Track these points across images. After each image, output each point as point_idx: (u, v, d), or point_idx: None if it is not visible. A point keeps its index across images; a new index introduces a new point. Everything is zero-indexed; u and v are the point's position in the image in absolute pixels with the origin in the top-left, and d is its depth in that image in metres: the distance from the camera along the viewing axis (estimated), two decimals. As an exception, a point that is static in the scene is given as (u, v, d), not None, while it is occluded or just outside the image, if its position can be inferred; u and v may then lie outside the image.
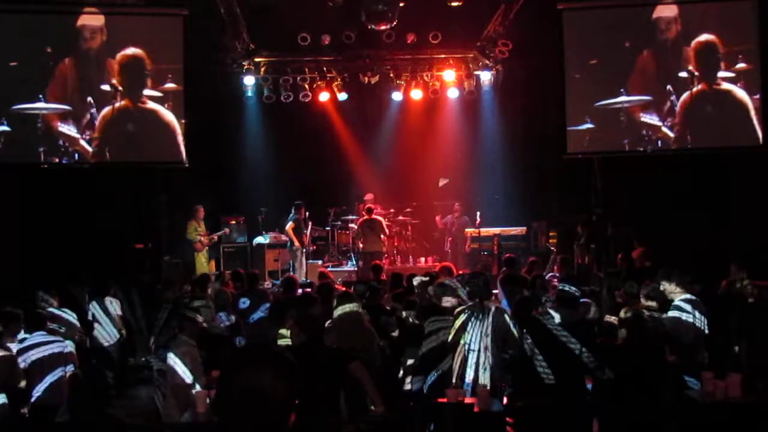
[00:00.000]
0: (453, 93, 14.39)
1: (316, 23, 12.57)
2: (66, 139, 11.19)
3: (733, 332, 6.42)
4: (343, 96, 14.23)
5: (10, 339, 6.12)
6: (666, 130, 11.47)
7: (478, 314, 5.69)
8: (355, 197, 14.49)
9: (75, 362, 6.49)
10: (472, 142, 14.73)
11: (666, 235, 10.61)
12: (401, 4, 11.43)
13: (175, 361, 5.34)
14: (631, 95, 11.52)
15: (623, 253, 10.17)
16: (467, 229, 13.84)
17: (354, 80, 14.08)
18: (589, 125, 11.59)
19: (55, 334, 6.49)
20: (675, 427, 5.23)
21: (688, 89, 11.32)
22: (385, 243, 13.14)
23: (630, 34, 11.56)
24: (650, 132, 11.48)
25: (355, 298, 6.10)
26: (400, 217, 14.18)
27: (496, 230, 13.64)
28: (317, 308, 5.55)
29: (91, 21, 11.33)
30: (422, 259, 14.05)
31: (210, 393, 5.02)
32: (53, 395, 6.11)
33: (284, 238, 13.32)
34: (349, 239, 13.89)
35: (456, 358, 5.68)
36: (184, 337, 5.56)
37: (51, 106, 11.19)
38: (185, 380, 5.29)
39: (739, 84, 11.26)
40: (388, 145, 14.91)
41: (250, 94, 13.97)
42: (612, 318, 6.32)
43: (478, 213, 13.52)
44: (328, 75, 14.01)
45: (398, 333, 6.82)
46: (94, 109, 11.28)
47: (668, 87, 11.43)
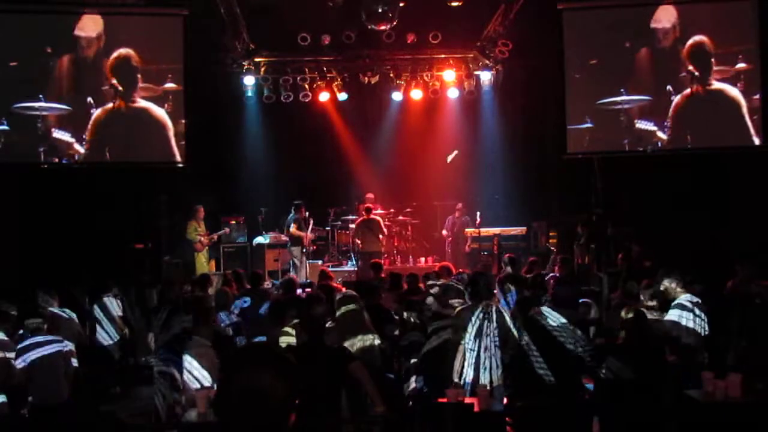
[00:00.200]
0: (453, 93, 14.39)
1: (316, 23, 12.57)
2: (61, 144, 11.20)
3: (735, 332, 6.41)
4: (343, 96, 14.23)
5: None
6: (661, 135, 11.49)
7: (479, 314, 5.69)
8: (355, 197, 14.48)
9: (75, 362, 6.50)
10: (472, 142, 14.73)
11: (666, 235, 10.61)
12: (401, 4, 11.43)
13: (191, 363, 5.15)
14: (631, 95, 11.54)
15: (623, 253, 10.17)
16: (467, 229, 13.85)
17: (354, 80, 14.08)
18: (589, 125, 11.60)
19: (54, 334, 6.49)
20: (675, 427, 5.23)
21: (687, 89, 11.35)
22: (384, 243, 13.13)
23: (630, 34, 11.56)
24: (648, 136, 11.52)
25: (357, 299, 6.09)
26: (400, 217, 14.18)
27: (496, 230, 13.63)
28: (321, 307, 5.55)
29: (91, 21, 11.33)
30: (422, 259, 14.06)
31: (210, 393, 5.01)
32: (53, 395, 6.11)
33: (284, 237, 13.32)
34: (349, 239, 13.90)
35: (456, 358, 5.68)
36: (197, 337, 5.45)
37: (51, 105, 11.19)
38: (204, 382, 5.05)
39: (739, 84, 11.27)
40: (388, 145, 14.91)
41: (250, 94, 13.97)
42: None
43: (478, 213, 13.52)
44: (328, 75, 14.01)
45: (399, 333, 6.82)
46: (94, 110, 11.29)
47: (668, 87, 11.45)
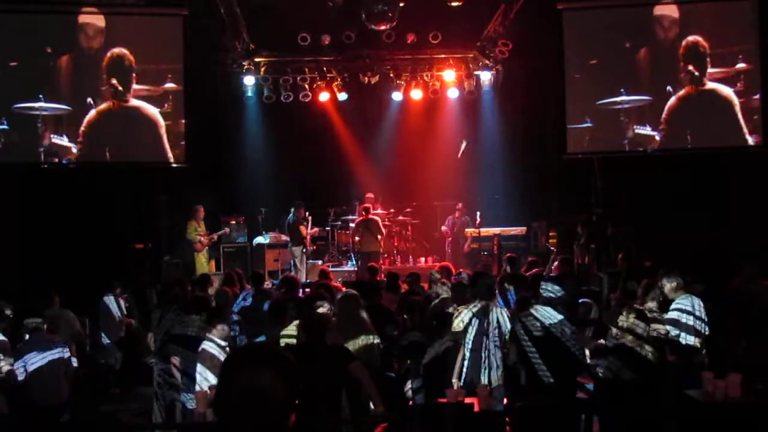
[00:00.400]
0: (453, 93, 14.37)
1: (316, 23, 12.56)
2: (59, 149, 11.20)
3: (738, 332, 6.41)
4: (343, 96, 14.22)
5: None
6: (659, 139, 11.49)
7: (479, 314, 5.70)
8: (355, 197, 14.47)
9: (75, 363, 6.50)
10: (472, 142, 14.72)
11: (666, 235, 10.61)
12: (401, 4, 11.43)
13: (203, 373, 5.18)
14: (631, 95, 11.53)
15: (623, 253, 10.17)
16: (467, 229, 13.84)
17: (354, 80, 14.07)
18: (589, 125, 11.60)
19: (55, 333, 6.50)
20: (675, 427, 5.23)
21: (682, 90, 11.36)
22: (382, 243, 13.13)
23: (630, 34, 11.57)
24: (646, 141, 11.54)
25: (357, 299, 6.08)
26: (400, 217, 14.17)
27: (496, 230, 13.62)
28: (323, 308, 5.54)
29: (91, 21, 11.34)
30: (422, 259, 14.05)
31: (210, 393, 5.00)
32: (53, 395, 6.11)
33: (284, 237, 13.32)
34: (349, 239, 13.90)
35: (457, 358, 5.69)
36: (212, 337, 5.49)
37: (51, 106, 11.20)
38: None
39: (739, 84, 11.27)
40: (388, 145, 14.90)
41: (250, 94, 13.96)
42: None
43: (478, 213, 13.51)
44: (328, 75, 14.00)
45: (398, 333, 6.82)
46: (93, 110, 11.30)
47: (668, 87, 11.45)
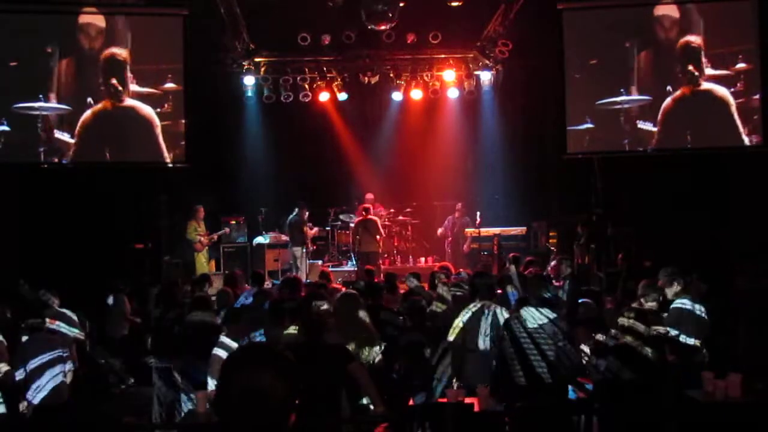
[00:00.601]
0: (453, 93, 14.38)
1: (316, 23, 12.56)
2: (63, 145, 11.22)
3: (738, 332, 6.41)
4: (343, 96, 14.22)
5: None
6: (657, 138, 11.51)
7: (479, 314, 5.70)
8: (355, 197, 14.48)
9: (74, 362, 6.49)
10: (472, 142, 14.73)
11: (666, 235, 10.61)
12: (401, 4, 11.43)
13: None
14: (631, 95, 11.53)
15: (623, 253, 10.17)
16: (467, 229, 13.84)
17: (354, 80, 14.07)
18: (589, 125, 11.60)
19: (55, 333, 6.49)
20: (675, 427, 5.23)
21: (677, 91, 11.36)
22: (381, 243, 13.13)
23: (630, 34, 11.57)
24: (648, 137, 11.53)
25: (357, 298, 6.09)
26: (400, 217, 14.18)
27: (496, 230, 13.62)
28: (322, 307, 5.53)
29: (91, 21, 11.34)
30: (422, 259, 14.06)
31: (210, 393, 5.00)
32: (53, 395, 6.10)
33: (284, 237, 13.31)
34: (349, 239, 13.90)
35: (456, 358, 5.68)
36: (225, 338, 5.47)
37: (51, 105, 11.20)
38: None
39: (739, 84, 11.27)
40: (388, 145, 14.90)
41: (250, 94, 13.96)
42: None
43: (478, 213, 13.51)
44: (328, 75, 14.00)
45: (398, 333, 6.81)
46: (89, 110, 11.30)
47: (668, 87, 11.45)
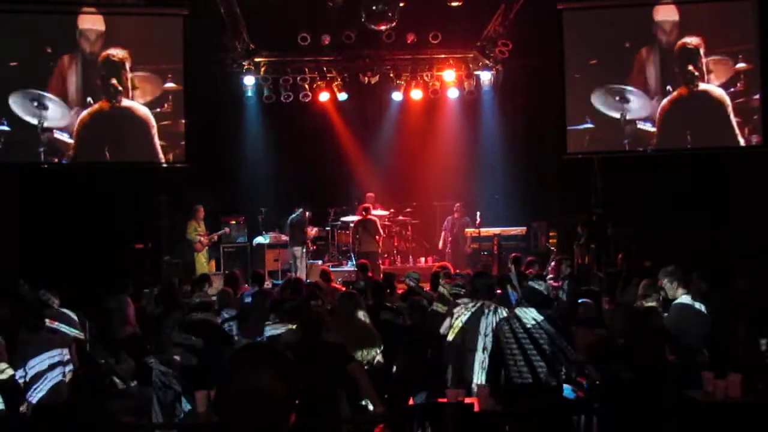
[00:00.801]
0: (453, 93, 14.38)
1: (316, 23, 12.57)
2: (62, 145, 11.22)
3: (738, 332, 6.39)
4: (343, 96, 14.22)
5: None
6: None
7: (478, 314, 5.69)
8: (355, 197, 14.48)
9: (75, 362, 6.49)
10: (472, 142, 14.73)
11: (666, 235, 10.61)
12: (401, 4, 11.43)
13: None
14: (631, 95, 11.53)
15: (623, 253, 10.17)
16: (467, 230, 13.84)
17: (354, 80, 14.07)
18: (589, 125, 11.60)
19: (55, 333, 6.49)
20: (675, 427, 5.22)
21: (675, 92, 11.36)
22: (380, 243, 13.13)
23: (630, 34, 11.57)
24: (648, 137, 11.54)
25: (357, 298, 6.09)
26: (400, 217, 14.18)
27: (496, 230, 13.63)
28: (320, 307, 5.53)
29: (91, 21, 11.34)
30: (422, 259, 14.06)
31: (210, 393, 5.00)
32: (53, 395, 6.11)
33: (284, 237, 13.32)
34: (349, 239, 13.91)
35: (456, 357, 5.67)
36: (240, 338, 5.49)
37: (51, 105, 11.18)
38: None
39: (739, 84, 11.27)
40: (388, 145, 14.90)
41: (250, 94, 13.96)
42: None
43: (478, 213, 13.52)
44: (328, 75, 14.00)
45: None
46: (85, 111, 11.29)
47: (668, 87, 11.45)
